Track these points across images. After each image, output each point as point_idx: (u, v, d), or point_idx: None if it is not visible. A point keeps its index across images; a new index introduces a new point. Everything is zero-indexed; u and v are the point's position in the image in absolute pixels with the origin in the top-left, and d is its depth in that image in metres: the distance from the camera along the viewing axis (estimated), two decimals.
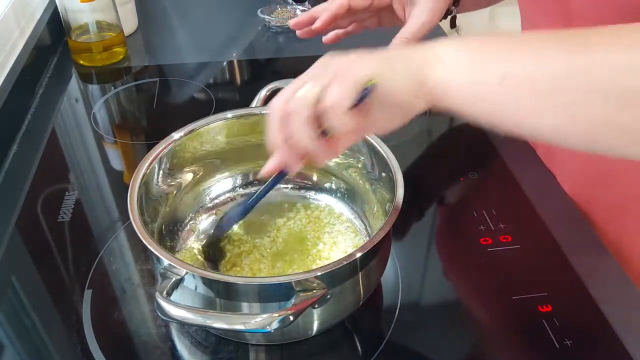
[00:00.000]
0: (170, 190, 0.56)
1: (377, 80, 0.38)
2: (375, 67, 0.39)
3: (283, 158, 0.42)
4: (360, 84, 0.38)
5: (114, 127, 0.80)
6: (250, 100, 0.60)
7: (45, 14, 0.97)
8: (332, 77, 0.39)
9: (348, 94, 0.38)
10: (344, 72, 0.39)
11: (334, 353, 0.50)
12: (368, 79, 0.38)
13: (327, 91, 0.38)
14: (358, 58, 0.40)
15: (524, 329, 0.51)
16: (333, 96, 0.38)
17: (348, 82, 0.38)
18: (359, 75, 0.38)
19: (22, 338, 0.50)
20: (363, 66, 0.39)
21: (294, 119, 0.40)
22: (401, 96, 0.39)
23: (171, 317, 0.39)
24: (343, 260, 0.42)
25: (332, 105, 0.38)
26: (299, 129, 0.40)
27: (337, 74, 0.39)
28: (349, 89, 0.38)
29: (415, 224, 0.63)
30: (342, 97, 0.38)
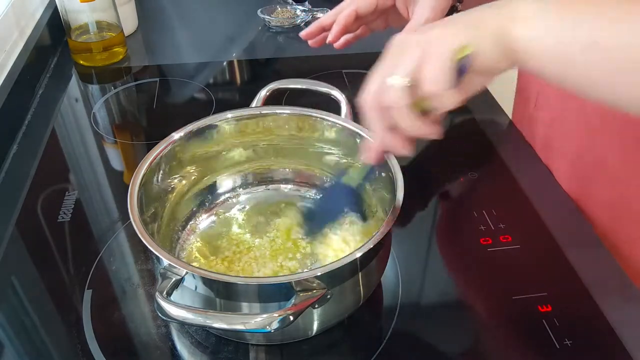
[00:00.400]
0: (170, 190, 0.56)
1: (470, 50, 0.36)
2: (462, 36, 0.37)
3: (389, 144, 0.41)
4: (453, 59, 0.36)
5: (114, 127, 0.80)
6: (250, 100, 0.60)
7: (45, 14, 0.97)
8: (420, 57, 0.37)
9: (445, 72, 0.36)
10: (432, 49, 0.37)
11: (334, 353, 0.50)
12: (461, 50, 0.36)
13: (422, 74, 0.37)
14: (440, 30, 0.38)
15: (524, 329, 0.51)
16: (431, 79, 0.36)
17: (441, 59, 0.36)
18: (450, 49, 0.36)
19: (22, 338, 0.50)
20: (449, 38, 0.37)
21: (396, 111, 0.38)
22: (491, 60, 0.38)
23: (171, 317, 0.39)
24: (343, 260, 0.42)
25: (433, 89, 0.36)
26: (402, 119, 0.38)
27: (425, 52, 0.37)
28: (444, 67, 0.36)
29: (415, 224, 0.63)
30: (440, 78, 0.36)
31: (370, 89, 0.40)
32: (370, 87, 0.40)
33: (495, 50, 0.37)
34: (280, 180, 0.63)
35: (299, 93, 0.62)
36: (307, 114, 0.57)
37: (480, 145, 0.75)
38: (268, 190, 0.62)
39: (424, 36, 0.38)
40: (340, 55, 0.97)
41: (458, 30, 0.38)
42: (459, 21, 0.39)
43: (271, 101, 0.60)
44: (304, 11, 1.08)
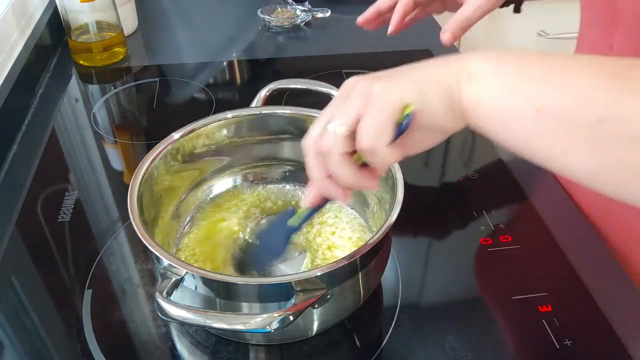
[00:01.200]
0: (171, 189, 0.55)
1: (413, 107, 0.35)
2: (408, 92, 0.36)
3: (326, 191, 0.41)
4: (395, 116, 0.35)
5: (114, 127, 0.80)
6: (250, 100, 0.60)
7: (45, 14, 0.97)
8: (361, 108, 0.36)
9: (382, 129, 0.35)
10: (375, 102, 0.36)
11: (334, 353, 0.50)
12: (402, 107, 0.35)
13: (361, 127, 0.36)
14: (386, 83, 0.37)
15: (524, 329, 0.51)
16: (367, 134, 0.36)
17: (380, 115, 0.35)
18: (393, 105, 0.36)
19: (22, 338, 0.50)
20: (394, 94, 0.36)
21: (331, 158, 0.38)
22: (437, 119, 0.37)
23: (171, 317, 0.39)
24: (343, 260, 0.42)
25: (368, 144, 0.36)
26: (338, 168, 0.38)
27: (368, 104, 0.36)
28: (382, 124, 0.35)
29: (415, 224, 0.63)
30: (376, 135, 0.36)
31: (312, 132, 0.39)
32: (312, 131, 0.39)
33: (441, 109, 0.36)
34: (280, 180, 0.63)
35: (299, 93, 0.62)
36: (307, 114, 0.57)
37: (480, 145, 0.75)
38: (268, 190, 0.62)
39: (370, 85, 0.37)
40: (340, 55, 0.98)
41: (405, 86, 0.36)
42: (410, 75, 0.37)
43: (271, 101, 0.60)
44: (304, 11, 1.08)
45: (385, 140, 0.36)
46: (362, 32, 1.04)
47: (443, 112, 0.37)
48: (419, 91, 0.36)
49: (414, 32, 1.08)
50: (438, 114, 0.37)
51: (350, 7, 1.15)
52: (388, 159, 0.37)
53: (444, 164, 0.73)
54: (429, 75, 0.37)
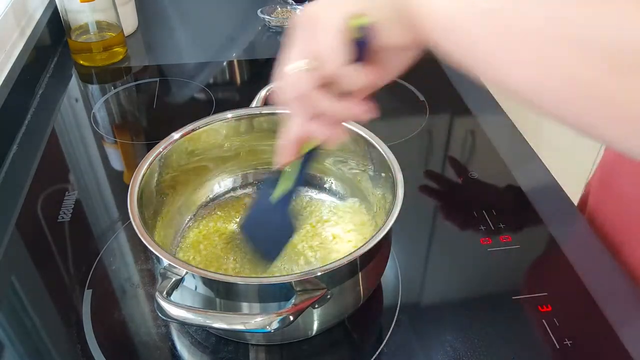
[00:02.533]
0: (171, 190, 0.56)
1: (366, 20, 0.33)
2: (349, 5, 0.34)
3: (316, 133, 0.38)
4: (342, 30, 0.33)
5: (114, 127, 0.80)
6: (250, 100, 0.60)
7: (45, 14, 0.97)
8: (310, 33, 0.34)
9: (337, 45, 0.33)
10: (319, 24, 0.34)
11: (334, 353, 0.50)
12: (349, 20, 0.33)
13: (315, 53, 0.34)
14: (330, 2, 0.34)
15: (524, 329, 0.51)
16: (324, 57, 0.33)
17: (331, 31, 0.33)
18: (336, 20, 0.33)
19: (22, 338, 0.50)
20: (335, 10, 0.34)
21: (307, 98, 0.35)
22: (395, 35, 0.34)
23: (171, 317, 0.39)
24: (343, 260, 0.42)
25: (329, 66, 0.33)
26: (318, 104, 0.36)
27: (314, 30, 0.34)
28: (333, 39, 0.33)
29: (415, 224, 0.63)
30: (334, 53, 0.33)
31: (278, 81, 0.37)
32: (278, 79, 0.37)
33: (395, 22, 0.34)
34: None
35: None
36: None
37: (480, 145, 0.75)
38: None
39: (310, 12, 0.34)
40: None
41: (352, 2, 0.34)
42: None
43: (271, 101, 0.60)
44: None
45: (342, 57, 0.33)
46: None
47: (399, 27, 0.34)
48: (368, 4, 0.34)
49: None
50: (393, 27, 0.34)
51: None
52: (359, 78, 0.35)
53: (444, 164, 0.73)
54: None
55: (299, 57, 0.35)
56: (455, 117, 0.81)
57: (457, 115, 0.81)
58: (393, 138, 0.47)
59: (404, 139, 0.75)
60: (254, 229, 0.50)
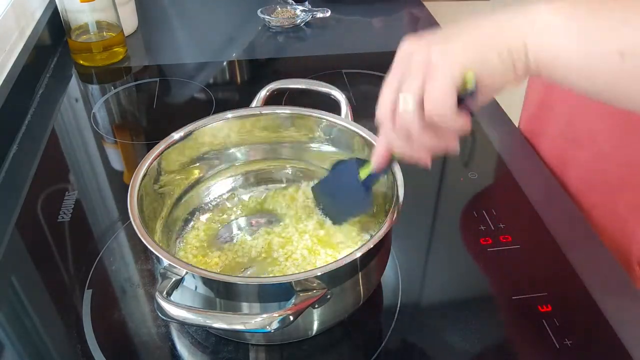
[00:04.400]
0: (170, 190, 0.56)
1: (473, 78, 0.36)
2: (466, 57, 0.36)
3: (415, 156, 0.43)
4: (456, 81, 0.36)
5: (114, 127, 0.80)
6: (250, 100, 0.60)
7: (45, 14, 0.97)
8: (423, 76, 0.37)
9: (447, 95, 0.36)
10: (435, 71, 0.36)
11: (334, 353, 0.50)
12: (463, 71, 0.36)
13: (426, 98, 0.37)
14: (443, 48, 0.36)
15: (524, 329, 0.51)
16: (434, 104, 0.36)
17: (443, 82, 0.36)
18: (451, 71, 0.36)
19: (22, 338, 0.50)
20: (453, 60, 0.36)
21: (412, 134, 0.39)
22: (499, 78, 0.37)
23: (171, 317, 0.39)
24: (343, 260, 0.42)
25: (434, 112, 0.37)
26: (420, 140, 0.39)
27: (429, 74, 0.36)
28: (446, 90, 0.36)
29: (415, 224, 0.63)
30: (443, 102, 0.36)
31: (383, 106, 0.40)
32: (383, 105, 0.40)
33: (503, 68, 0.36)
34: (280, 180, 0.63)
35: (299, 93, 0.62)
36: (307, 114, 0.57)
37: (480, 145, 0.75)
38: (268, 190, 0.62)
39: (429, 53, 0.37)
40: (340, 55, 0.98)
41: (462, 50, 0.36)
42: (467, 37, 0.37)
43: (271, 101, 0.60)
44: (304, 11, 1.08)
45: (450, 107, 0.36)
46: (362, 32, 1.04)
47: (507, 68, 0.36)
48: (478, 52, 0.36)
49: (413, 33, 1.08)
50: (500, 70, 0.36)
51: (350, 7, 1.15)
52: (457, 123, 0.38)
53: (444, 164, 0.73)
54: (486, 36, 0.37)
55: (411, 96, 0.37)
56: None
57: None
58: None
59: None
60: (330, 192, 0.55)
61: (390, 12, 1.14)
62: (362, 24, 1.11)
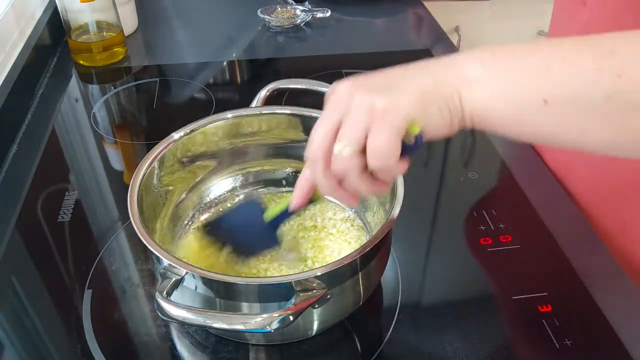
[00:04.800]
0: (170, 190, 0.56)
1: (418, 127, 0.36)
2: (411, 109, 0.36)
3: (340, 199, 0.41)
4: (402, 134, 0.36)
5: (114, 127, 0.80)
6: (250, 100, 0.60)
7: (45, 14, 0.97)
8: (367, 125, 0.36)
9: (393, 147, 0.36)
10: (380, 121, 0.35)
11: (334, 353, 0.50)
12: (408, 124, 0.36)
13: (371, 147, 0.36)
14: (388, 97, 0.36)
15: (524, 329, 0.51)
16: (379, 154, 0.36)
17: (390, 134, 0.35)
18: (399, 123, 0.35)
19: (22, 338, 0.50)
20: (399, 111, 0.35)
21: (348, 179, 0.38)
22: (441, 129, 0.37)
23: (171, 317, 0.39)
24: (343, 260, 0.42)
25: (378, 163, 0.36)
26: (355, 185, 0.39)
27: (374, 122, 0.36)
28: (392, 142, 0.35)
29: (415, 224, 0.63)
30: (389, 153, 0.36)
31: (315, 145, 0.38)
32: (315, 144, 0.38)
33: (444, 119, 0.37)
34: (280, 180, 0.63)
35: (299, 93, 0.62)
36: (307, 114, 0.57)
37: (480, 145, 0.75)
38: (268, 190, 0.62)
39: (371, 99, 0.36)
40: (340, 55, 0.98)
41: (408, 102, 0.36)
42: (408, 86, 0.37)
43: (271, 101, 0.60)
44: (304, 11, 1.08)
45: (395, 158, 0.36)
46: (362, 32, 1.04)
47: (446, 122, 0.37)
48: (421, 106, 0.36)
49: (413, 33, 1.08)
50: (441, 124, 0.37)
51: (350, 7, 1.15)
52: (398, 172, 0.38)
53: (444, 164, 0.73)
54: (426, 87, 0.37)
55: (352, 142, 0.36)
56: None
57: None
58: None
59: None
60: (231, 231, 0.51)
61: (391, 12, 1.14)
62: (362, 24, 1.11)
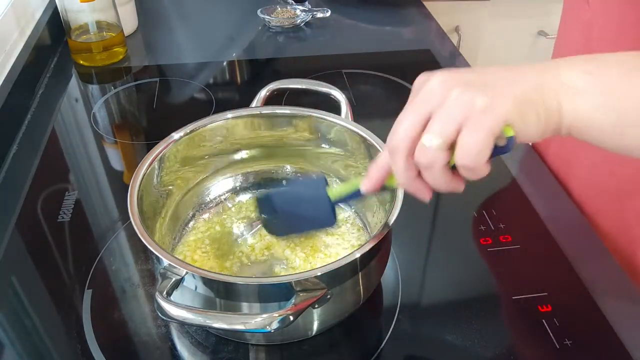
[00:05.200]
0: (171, 190, 0.56)
1: (515, 127, 0.35)
2: (510, 112, 0.35)
3: (415, 191, 0.40)
4: (496, 136, 0.35)
5: (114, 127, 0.80)
6: (250, 100, 0.60)
7: (45, 14, 0.97)
8: (461, 121, 0.35)
9: (486, 149, 0.35)
10: (477, 120, 0.35)
11: (334, 353, 0.50)
12: (504, 130, 0.35)
13: (462, 144, 0.35)
14: (488, 98, 0.35)
15: (524, 329, 0.51)
16: (470, 153, 0.35)
17: (485, 135, 0.34)
18: (495, 126, 0.34)
19: (22, 338, 0.50)
20: (498, 113, 0.35)
21: (430, 171, 0.37)
22: (533, 135, 0.37)
23: (171, 317, 0.39)
24: (343, 260, 0.42)
25: (467, 163, 0.36)
26: (435, 178, 0.38)
27: (469, 119, 0.35)
28: (486, 143, 0.35)
29: (415, 224, 0.63)
30: (479, 154, 0.35)
31: (399, 134, 0.37)
32: (399, 133, 0.37)
33: (538, 126, 0.36)
34: (280, 180, 0.63)
35: (299, 93, 0.62)
36: (307, 114, 0.57)
37: None
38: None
39: (472, 97, 0.35)
40: (341, 55, 0.98)
41: (507, 105, 0.35)
42: (509, 89, 0.36)
43: (271, 101, 0.60)
44: (304, 11, 1.08)
45: (484, 159, 0.36)
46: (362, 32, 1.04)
47: (540, 128, 0.36)
48: (520, 110, 0.35)
49: (413, 33, 1.08)
50: (534, 129, 0.36)
51: (350, 7, 1.15)
52: (483, 173, 0.37)
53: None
54: (528, 92, 0.36)
55: (443, 135, 0.36)
56: None
57: None
58: None
59: None
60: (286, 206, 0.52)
61: (391, 12, 1.14)
62: (362, 23, 1.11)
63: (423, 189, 0.40)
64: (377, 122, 0.42)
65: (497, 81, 0.37)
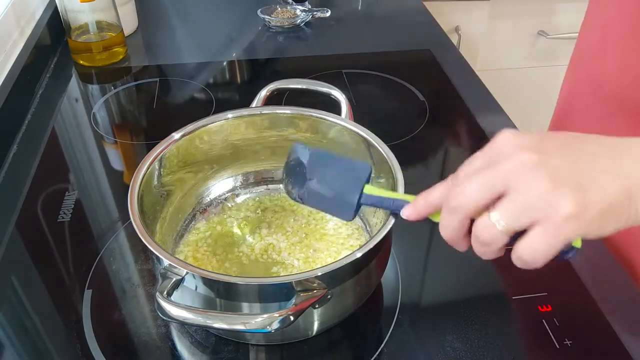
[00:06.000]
0: (171, 190, 0.56)
1: (579, 245, 0.34)
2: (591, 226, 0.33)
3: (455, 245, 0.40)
4: (567, 244, 0.33)
5: (114, 127, 0.80)
6: (250, 100, 0.60)
7: (45, 14, 0.97)
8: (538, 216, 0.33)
9: (551, 254, 0.33)
10: (556, 222, 0.32)
11: (334, 353, 0.50)
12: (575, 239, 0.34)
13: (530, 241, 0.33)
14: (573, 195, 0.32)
15: (524, 329, 0.51)
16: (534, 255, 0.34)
17: (555, 242, 0.33)
18: (571, 236, 0.33)
19: (22, 338, 0.50)
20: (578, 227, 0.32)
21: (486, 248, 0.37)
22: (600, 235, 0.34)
23: (171, 317, 0.39)
24: (343, 260, 0.42)
25: (529, 261, 0.34)
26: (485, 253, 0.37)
27: (551, 220, 0.32)
28: (554, 250, 0.33)
29: (415, 224, 0.62)
30: (542, 257, 0.33)
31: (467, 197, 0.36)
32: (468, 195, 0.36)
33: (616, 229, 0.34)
34: (280, 180, 0.63)
35: (299, 93, 0.62)
36: (307, 114, 0.57)
37: (480, 146, 0.75)
38: (268, 190, 0.62)
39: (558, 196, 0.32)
40: (340, 55, 0.98)
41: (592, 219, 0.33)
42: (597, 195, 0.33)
43: (271, 101, 0.60)
44: (304, 11, 1.08)
45: (544, 261, 0.34)
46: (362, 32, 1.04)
47: (612, 232, 0.34)
48: (602, 221, 0.33)
49: (413, 33, 1.08)
50: (606, 234, 0.34)
51: (350, 7, 1.15)
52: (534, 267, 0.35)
53: (444, 164, 0.73)
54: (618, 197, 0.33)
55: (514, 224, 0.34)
56: (455, 117, 0.81)
57: (457, 115, 0.81)
58: (393, 138, 0.46)
59: (404, 139, 0.75)
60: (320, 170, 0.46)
61: (391, 12, 1.14)
62: (362, 24, 1.11)
63: (463, 246, 0.39)
64: (377, 121, 0.42)
65: (590, 174, 0.33)
